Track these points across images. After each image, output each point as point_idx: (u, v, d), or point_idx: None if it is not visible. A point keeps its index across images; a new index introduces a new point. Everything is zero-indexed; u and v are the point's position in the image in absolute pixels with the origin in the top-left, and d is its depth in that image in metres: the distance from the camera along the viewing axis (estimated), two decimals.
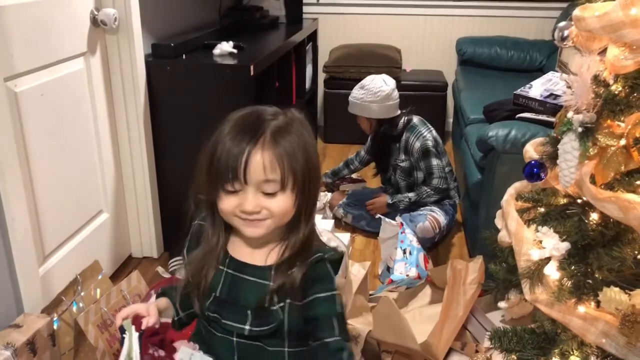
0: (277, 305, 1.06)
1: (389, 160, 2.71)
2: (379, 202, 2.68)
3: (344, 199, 2.79)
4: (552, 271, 1.29)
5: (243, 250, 1.12)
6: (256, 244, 1.11)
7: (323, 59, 4.03)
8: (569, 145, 1.22)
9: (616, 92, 1.18)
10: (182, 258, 1.20)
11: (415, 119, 2.63)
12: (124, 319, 1.14)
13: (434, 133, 2.62)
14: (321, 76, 3.98)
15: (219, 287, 1.11)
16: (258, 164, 0.99)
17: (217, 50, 2.45)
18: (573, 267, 1.26)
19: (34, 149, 1.79)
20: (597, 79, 1.20)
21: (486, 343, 1.51)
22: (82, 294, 1.81)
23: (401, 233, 2.27)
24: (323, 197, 2.82)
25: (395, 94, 2.61)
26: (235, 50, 2.47)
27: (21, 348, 1.52)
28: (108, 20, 2.06)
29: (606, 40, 1.23)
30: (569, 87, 1.24)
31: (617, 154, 1.17)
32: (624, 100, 1.17)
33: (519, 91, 2.41)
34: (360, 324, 1.84)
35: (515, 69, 3.83)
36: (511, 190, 1.56)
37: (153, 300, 1.77)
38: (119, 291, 1.82)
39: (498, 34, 4.02)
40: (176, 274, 2.24)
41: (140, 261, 2.47)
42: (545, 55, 3.78)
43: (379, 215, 2.59)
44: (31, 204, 1.79)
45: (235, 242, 1.14)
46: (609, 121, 1.19)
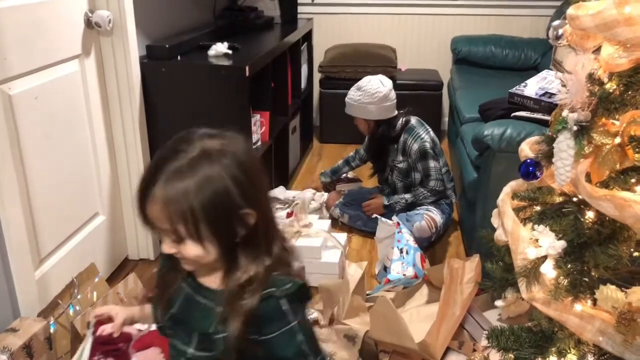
0: (221, 334, 0.99)
1: (386, 160, 2.71)
2: (375, 204, 2.68)
3: (341, 199, 2.79)
4: (549, 270, 1.30)
5: None
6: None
7: (318, 59, 4.02)
8: (564, 144, 1.23)
9: (611, 91, 1.19)
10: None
11: (413, 120, 2.62)
12: (95, 316, 1.11)
13: (432, 134, 2.62)
14: (316, 76, 3.98)
15: (177, 303, 1.06)
16: (151, 213, 0.94)
17: (212, 51, 2.45)
18: (569, 266, 1.26)
19: (29, 152, 1.78)
20: (592, 78, 1.20)
21: (483, 342, 1.52)
22: (79, 297, 1.81)
23: (398, 232, 2.27)
24: (320, 197, 2.82)
25: (393, 95, 2.61)
26: (230, 51, 2.47)
27: (17, 352, 1.52)
28: (102, 22, 2.06)
29: (600, 39, 1.23)
30: (564, 86, 1.24)
31: (612, 152, 1.17)
32: (619, 98, 1.17)
33: (514, 90, 2.42)
34: (357, 324, 1.84)
35: (510, 67, 3.83)
36: (507, 189, 1.56)
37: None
38: (115, 294, 1.82)
39: (493, 32, 4.02)
40: None
41: (137, 263, 2.46)
42: (540, 54, 3.79)
43: (375, 215, 2.59)
44: (26, 207, 1.79)
45: None
46: (603, 119, 1.19)
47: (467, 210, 2.51)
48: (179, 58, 2.37)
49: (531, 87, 2.37)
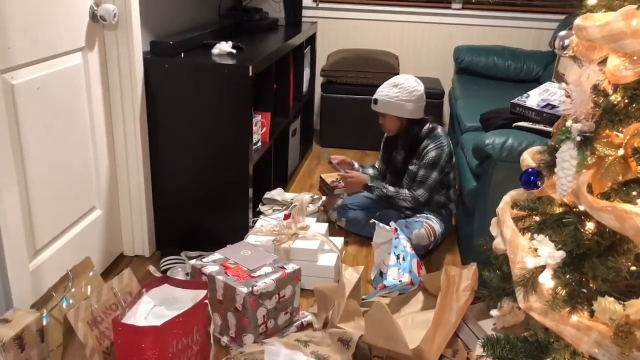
0: None
1: (406, 166, 2.65)
2: (357, 178, 2.66)
3: (339, 203, 2.79)
4: (547, 280, 1.29)
5: None
6: None
7: (321, 62, 4.03)
8: (567, 154, 1.23)
9: (615, 102, 1.19)
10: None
11: (439, 129, 2.61)
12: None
13: (451, 148, 2.61)
14: (318, 80, 3.98)
15: None
16: None
17: (216, 50, 2.44)
18: (568, 276, 1.26)
19: (29, 143, 1.77)
20: (597, 89, 1.21)
21: (478, 350, 1.51)
22: (73, 290, 1.80)
23: (395, 238, 2.27)
24: (317, 201, 2.82)
25: (424, 96, 2.61)
26: (234, 51, 2.46)
27: (9, 343, 1.51)
28: (107, 16, 2.05)
29: (607, 50, 1.23)
30: (568, 96, 1.25)
31: (615, 164, 1.18)
32: (623, 110, 1.17)
33: (516, 100, 2.42)
34: (352, 328, 1.83)
35: (512, 78, 3.84)
36: (507, 198, 1.56)
37: (145, 299, 1.76)
38: (110, 288, 1.80)
39: (496, 43, 4.03)
40: (168, 273, 2.23)
41: (132, 259, 2.45)
42: (542, 66, 3.80)
43: (373, 220, 2.58)
44: (24, 198, 1.78)
45: None
46: (607, 131, 1.20)
47: (465, 218, 2.51)
48: (182, 55, 2.37)
49: (533, 98, 2.37)
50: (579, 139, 1.21)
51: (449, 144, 2.59)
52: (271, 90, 2.79)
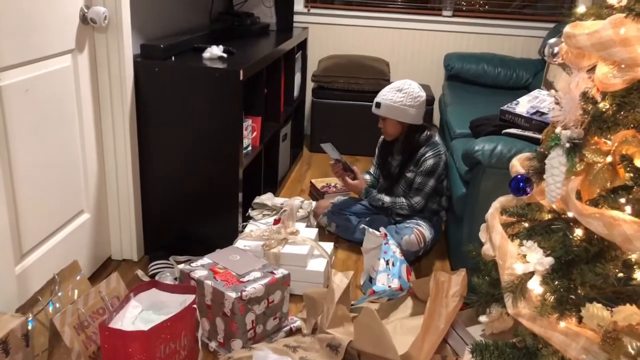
0: None
1: (402, 172, 2.65)
2: (353, 185, 2.69)
3: (329, 208, 2.79)
4: (536, 286, 1.30)
5: None
6: None
7: (312, 68, 4.03)
8: (556, 161, 1.23)
9: (604, 110, 1.20)
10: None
11: (437, 137, 2.62)
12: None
13: (447, 155, 2.62)
14: (309, 85, 3.99)
15: None
16: None
17: (207, 54, 2.44)
18: (556, 282, 1.27)
19: (16, 145, 1.76)
20: (586, 96, 1.22)
21: (467, 357, 1.51)
22: (60, 294, 1.78)
23: (385, 244, 2.27)
24: (307, 206, 2.81)
25: (425, 102, 2.63)
26: (225, 55, 2.46)
27: None
28: (98, 19, 2.04)
29: (595, 58, 1.25)
30: (557, 104, 1.26)
31: (604, 171, 1.18)
32: (612, 117, 1.19)
33: (505, 107, 2.44)
34: (341, 333, 1.83)
35: (502, 86, 3.87)
36: (496, 204, 1.57)
37: (133, 304, 1.75)
38: (97, 293, 1.79)
39: (486, 51, 4.06)
40: (156, 278, 2.21)
41: (120, 263, 2.43)
42: (532, 74, 3.83)
43: (363, 225, 2.58)
44: (10, 200, 1.76)
45: None
46: (596, 138, 1.21)
47: (454, 224, 2.51)
48: (173, 59, 2.36)
49: (522, 106, 2.39)
50: (567, 145, 1.22)
51: (445, 151, 2.60)
52: (262, 94, 2.78)
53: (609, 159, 1.19)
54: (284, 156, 3.34)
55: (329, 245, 2.45)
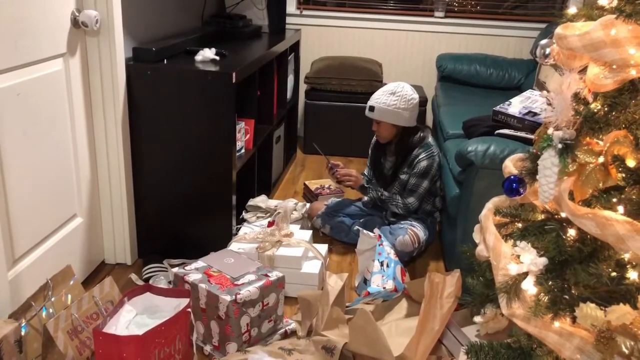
0: None
1: (396, 174, 2.65)
2: (355, 178, 2.68)
3: (323, 210, 2.78)
4: (530, 286, 1.30)
5: None
6: None
7: (304, 70, 4.03)
8: (549, 161, 1.24)
9: (595, 110, 1.20)
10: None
11: (430, 138, 2.62)
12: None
13: (441, 157, 2.63)
14: (302, 87, 3.99)
15: None
16: None
17: (199, 57, 2.43)
18: (550, 283, 1.27)
19: (7, 149, 1.75)
20: (577, 97, 1.22)
21: (462, 357, 1.51)
22: (53, 299, 1.77)
23: (379, 245, 2.27)
24: (301, 208, 2.81)
25: (419, 104, 2.63)
26: (217, 57, 2.46)
27: None
28: (89, 22, 2.03)
29: (587, 59, 1.25)
30: (550, 104, 1.26)
31: (596, 171, 1.19)
32: (603, 118, 1.19)
33: (498, 108, 2.44)
34: (336, 335, 1.83)
35: (494, 86, 3.88)
36: (490, 205, 1.57)
37: (127, 308, 1.74)
38: (90, 297, 1.78)
39: (478, 51, 4.07)
40: (150, 282, 2.21)
41: (114, 267, 2.42)
42: (524, 74, 3.85)
43: (357, 226, 2.58)
44: (2, 205, 1.75)
45: None
46: (588, 138, 1.21)
47: (448, 225, 2.52)
48: (165, 62, 2.36)
49: (515, 106, 2.40)
50: (560, 146, 1.22)
51: (439, 153, 2.61)
52: (255, 97, 2.78)
53: (601, 159, 1.19)
54: (277, 158, 3.33)
55: (323, 247, 2.45)
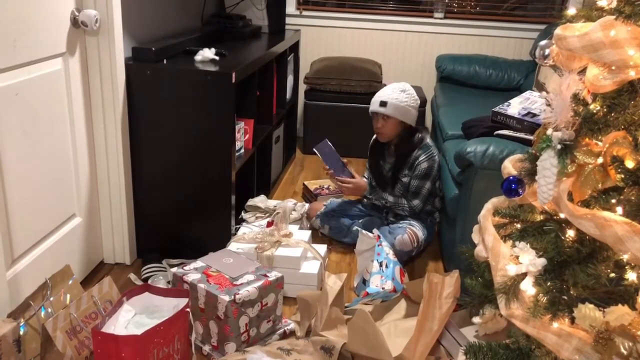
0: None
1: (397, 176, 2.65)
2: (356, 185, 2.66)
3: (322, 210, 2.78)
4: (528, 287, 1.30)
5: None
6: None
7: (304, 70, 4.04)
8: (548, 162, 1.24)
9: (595, 111, 1.20)
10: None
11: (429, 139, 2.63)
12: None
13: (440, 157, 2.63)
14: (302, 87, 3.99)
15: None
16: None
17: (199, 57, 2.43)
18: (549, 283, 1.27)
19: (6, 149, 1.74)
20: (577, 98, 1.22)
21: (460, 358, 1.51)
22: (52, 299, 1.77)
23: (378, 246, 2.27)
24: (300, 208, 2.81)
25: None
26: (217, 57, 2.46)
27: None
28: (89, 22, 2.03)
29: (586, 60, 1.25)
30: (549, 105, 1.26)
31: (595, 172, 1.19)
32: (602, 119, 1.19)
33: (497, 108, 2.45)
34: (335, 336, 1.83)
35: (493, 87, 3.88)
36: (488, 206, 1.57)
37: (126, 308, 1.74)
38: (89, 297, 1.78)
39: (477, 52, 4.08)
40: (149, 282, 2.20)
41: (113, 267, 2.42)
42: (523, 75, 3.85)
43: (356, 227, 2.59)
44: (1, 204, 1.75)
45: None
46: (587, 139, 1.21)
47: (447, 226, 2.52)
48: (165, 61, 2.36)
49: (514, 107, 2.40)
50: (559, 147, 1.22)
51: (437, 152, 2.61)
52: (254, 97, 2.78)
53: (600, 160, 1.19)
54: (276, 158, 3.34)
55: (322, 248, 2.45)
